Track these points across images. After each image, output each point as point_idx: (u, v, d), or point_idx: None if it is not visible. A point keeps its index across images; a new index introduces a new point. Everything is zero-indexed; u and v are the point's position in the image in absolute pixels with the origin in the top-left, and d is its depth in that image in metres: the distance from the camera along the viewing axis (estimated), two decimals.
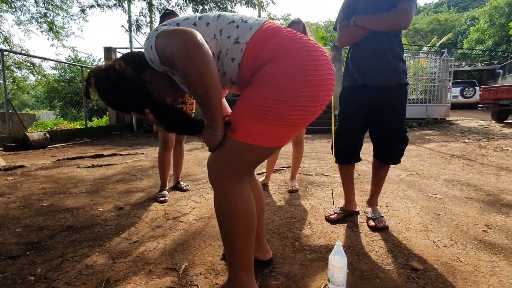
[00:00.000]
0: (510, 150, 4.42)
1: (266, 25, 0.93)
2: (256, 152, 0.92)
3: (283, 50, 0.87)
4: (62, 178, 2.94)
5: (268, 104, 0.85)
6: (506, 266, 1.25)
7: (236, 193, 0.93)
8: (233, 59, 0.91)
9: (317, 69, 0.87)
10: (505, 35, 17.63)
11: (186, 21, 0.93)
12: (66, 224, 1.78)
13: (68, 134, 6.57)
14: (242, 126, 0.88)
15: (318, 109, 0.92)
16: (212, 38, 0.91)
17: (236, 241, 0.95)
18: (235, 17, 0.94)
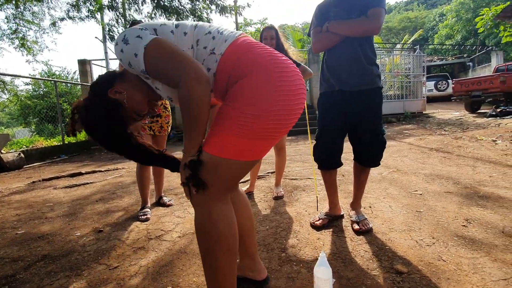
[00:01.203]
0: (484, 140, 4.61)
1: (241, 39, 0.95)
2: (234, 167, 0.92)
3: (256, 66, 0.89)
4: (37, 202, 2.80)
5: (243, 118, 0.86)
6: (488, 263, 1.28)
7: (217, 212, 0.90)
8: (209, 69, 0.93)
9: (289, 84, 0.90)
10: (472, 29, 18.54)
11: (164, 27, 0.93)
12: (41, 254, 1.69)
13: (44, 152, 6.30)
14: (218, 141, 0.88)
15: (291, 122, 0.94)
16: (190, 48, 0.93)
17: (218, 264, 0.91)
18: (211, 28, 0.96)
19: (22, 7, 6.91)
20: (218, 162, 0.88)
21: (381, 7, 1.49)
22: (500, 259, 1.31)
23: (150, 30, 0.91)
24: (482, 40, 18.91)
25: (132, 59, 0.87)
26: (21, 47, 7.41)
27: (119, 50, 0.89)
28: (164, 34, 0.91)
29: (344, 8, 1.57)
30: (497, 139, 4.53)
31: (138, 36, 0.87)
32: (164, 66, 0.86)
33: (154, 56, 0.86)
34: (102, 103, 0.94)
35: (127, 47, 0.87)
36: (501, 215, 1.78)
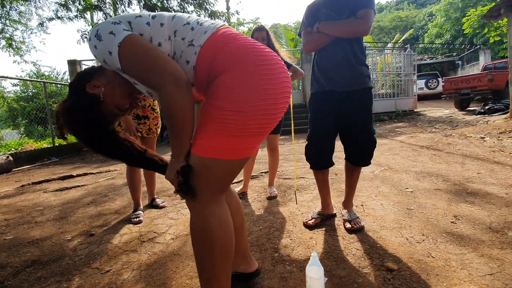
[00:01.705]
0: (473, 137, 4.71)
1: (222, 30, 0.92)
2: (224, 166, 0.90)
3: (237, 59, 0.86)
4: (26, 206, 2.75)
5: (226, 116, 0.84)
6: (475, 258, 1.31)
7: (213, 215, 0.90)
8: (188, 62, 0.90)
9: (272, 77, 0.87)
10: (460, 29, 18.82)
11: (139, 20, 0.90)
12: (31, 259, 1.66)
13: (34, 155, 6.18)
14: (204, 142, 0.87)
15: (277, 116, 0.92)
16: (167, 40, 0.89)
17: (212, 267, 0.91)
18: (190, 19, 0.93)
19: (8, 7, 6.76)
20: (208, 164, 0.87)
21: (370, 8, 1.50)
22: (487, 254, 1.34)
23: (124, 24, 0.87)
24: (470, 39, 19.28)
25: (106, 56, 0.85)
26: (8, 47, 7.25)
27: (93, 46, 0.86)
28: (139, 27, 0.88)
29: (334, 9, 1.58)
30: (485, 136, 4.63)
31: (111, 32, 0.83)
32: (140, 68, 0.84)
33: (129, 55, 0.83)
34: (80, 101, 0.92)
35: (100, 43, 0.84)
36: (488, 211, 1.82)
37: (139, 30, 0.88)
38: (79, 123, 0.94)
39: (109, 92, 0.93)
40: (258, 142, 0.96)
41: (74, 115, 0.93)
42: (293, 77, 2.52)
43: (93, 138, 0.96)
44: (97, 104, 0.93)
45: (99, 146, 0.97)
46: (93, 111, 0.93)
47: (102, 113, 0.95)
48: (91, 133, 0.95)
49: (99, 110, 0.94)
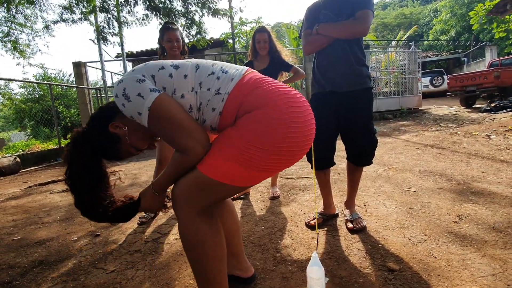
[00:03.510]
0: (479, 135, 4.66)
1: (248, 75, 0.94)
2: (228, 189, 0.93)
3: (267, 100, 0.88)
4: (34, 207, 2.80)
5: (248, 149, 0.85)
6: (477, 259, 1.31)
7: (202, 221, 0.92)
8: (214, 109, 0.91)
9: (301, 120, 0.89)
10: (466, 25, 18.63)
11: (162, 72, 0.92)
12: (38, 259, 1.69)
13: (41, 156, 6.27)
14: (218, 165, 0.88)
15: (297, 158, 0.94)
16: (191, 91, 0.91)
17: (207, 271, 0.93)
18: (214, 68, 0.95)
19: (14, 10, 6.85)
20: (214, 185, 0.89)
21: (369, 9, 1.50)
22: (490, 254, 1.33)
23: (149, 79, 0.90)
24: (476, 35, 19.01)
25: (135, 115, 0.89)
26: (13, 50, 7.36)
27: (121, 104, 0.89)
28: (162, 80, 0.91)
29: (333, 10, 1.58)
30: (491, 134, 4.57)
31: (139, 94, 0.86)
32: (168, 134, 0.88)
33: (157, 118, 0.87)
34: (101, 136, 0.96)
35: (129, 104, 0.87)
36: (492, 211, 1.81)
37: (162, 84, 0.91)
38: (85, 152, 0.96)
39: (130, 134, 0.97)
40: (269, 176, 0.98)
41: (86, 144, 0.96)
42: (294, 78, 2.53)
43: (85, 170, 0.96)
44: (114, 141, 0.97)
45: (85, 183, 0.97)
46: (108, 146, 0.97)
47: (116, 149, 0.99)
48: (88, 165, 0.96)
49: (114, 147, 0.98)
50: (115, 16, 5.28)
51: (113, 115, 0.97)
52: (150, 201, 1.00)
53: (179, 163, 0.90)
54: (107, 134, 0.96)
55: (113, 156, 1.02)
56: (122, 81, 0.90)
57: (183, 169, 0.91)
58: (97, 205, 0.99)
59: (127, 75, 0.91)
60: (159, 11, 4.49)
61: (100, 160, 1.02)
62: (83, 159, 0.95)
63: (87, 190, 0.97)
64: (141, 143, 1.01)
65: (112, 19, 5.50)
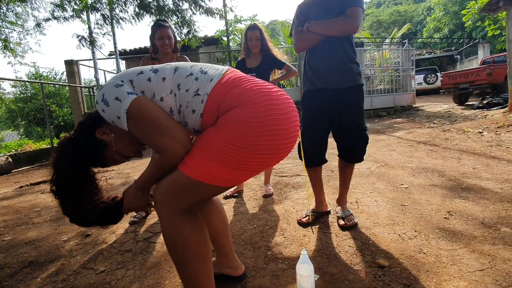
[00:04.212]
0: (471, 132, 4.71)
1: (227, 75, 0.93)
2: (210, 189, 0.93)
3: (246, 98, 0.87)
4: (24, 207, 2.76)
5: (228, 148, 0.85)
6: (466, 254, 1.32)
7: (184, 221, 0.91)
8: (194, 111, 0.91)
9: (280, 117, 0.87)
10: (459, 23, 18.78)
11: (140, 76, 0.92)
12: (28, 260, 1.67)
13: (33, 156, 6.19)
14: (198, 165, 0.87)
15: (280, 156, 0.93)
16: (169, 93, 0.91)
17: (191, 270, 0.92)
18: (193, 69, 0.94)
19: (5, 8, 6.73)
20: (195, 184, 0.88)
21: (359, 6, 1.50)
22: (478, 250, 1.35)
23: (127, 83, 0.90)
24: (469, 33, 19.18)
25: (115, 119, 0.89)
26: (3, 49, 7.23)
27: (101, 110, 0.90)
28: (141, 84, 0.91)
29: (323, 8, 1.58)
30: (483, 131, 4.62)
31: (117, 98, 0.87)
32: (145, 134, 0.88)
33: (135, 121, 0.87)
34: (87, 141, 0.96)
35: (108, 109, 0.88)
36: (482, 207, 1.83)
37: (141, 88, 0.91)
38: (72, 158, 0.96)
39: (117, 141, 0.97)
40: (253, 175, 0.97)
41: (73, 150, 0.96)
42: (286, 75, 2.52)
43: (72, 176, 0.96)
44: (101, 148, 0.97)
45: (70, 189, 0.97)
46: (95, 153, 0.97)
47: (103, 156, 0.99)
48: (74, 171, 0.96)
49: (101, 153, 0.98)
50: (107, 15, 5.21)
51: (101, 121, 0.97)
52: (132, 200, 0.99)
53: (159, 164, 0.90)
54: (94, 140, 0.96)
55: (99, 162, 1.01)
56: (102, 87, 0.92)
57: (163, 170, 0.91)
58: (81, 211, 0.99)
59: (106, 82, 0.93)
60: (151, 9, 4.45)
61: (87, 165, 1.01)
62: (69, 165, 0.95)
63: (71, 196, 0.97)
64: (128, 150, 1.00)
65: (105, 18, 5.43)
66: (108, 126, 0.96)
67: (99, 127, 0.96)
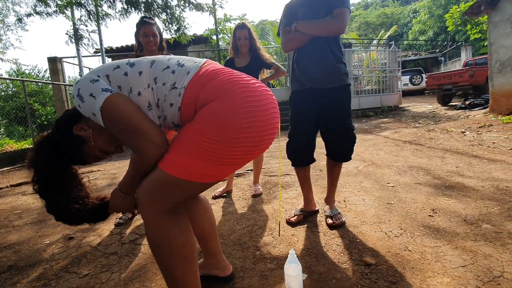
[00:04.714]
0: (454, 131, 4.85)
1: (205, 67, 0.92)
2: (192, 187, 0.90)
3: (225, 89, 0.85)
4: (4, 209, 2.66)
5: (207, 143, 0.83)
6: (449, 251, 1.35)
7: (168, 222, 0.89)
8: (172, 104, 0.89)
9: (258, 109, 0.86)
10: (443, 26, 19.31)
11: (117, 71, 0.90)
12: (7, 264, 1.61)
13: (14, 156, 5.96)
14: (178, 162, 0.85)
15: (260, 148, 0.91)
16: (146, 88, 0.88)
17: (176, 272, 0.91)
18: (170, 62, 0.92)
19: None
20: (175, 182, 0.86)
21: (345, 7, 1.52)
22: (461, 246, 1.38)
23: (103, 78, 0.88)
24: (452, 36, 19.76)
25: (91, 116, 0.87)
26: None
27: (77, 105, 0.88)
28: (117, 79, 0.89)
29: (311, 8, 1.58)
30: (465, 131, 4.77)
31: (91, 94, 0.85)
32: (120, 132, 0.87)
33: (109, 118, 0.85)
34: (64, 138, 0.93)
35: (83, 104, 0.86)
36: (464, 204, 1.88)
37: (117, 83, 0.88)
38: (49, 157, 0.94)
39: (96, 136, 0.95)
40: (234, 170, 0.95)
41: (50, 148, 0.94)
42: (275, 75, 2.52)
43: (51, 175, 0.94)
44: (79, 145, 0.95)
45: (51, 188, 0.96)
46: (73, 150, 0.95)
47: (81, 153, 0.97)
48: (53, 170, 0.94)
49: (80, 150, 0.96)
50: (93, 11, 5.08)
51: (79, 117, 0.94)
52: (117, 201, 0.97)
53: (135, 164, 0.89)
54: (71, 137, 0.93)
55: (79, 160, 0.99)
56: (78, 82, 0.89)
57: (140, 170, 0.89)
58: (65, 209, 0.97)
59: (83, 77, 0.90)
60: (138, 5, 4.36)
61: (65, 163, 0.98)
62: (46, 164, 0.93)
63: (53, 194, 0.95)
64: (108, 146, 0.98)
65: (90, 14, 5.29)
66: (86, 122, 0.94)
67: (77, 123, 0.94)
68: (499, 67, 5.88)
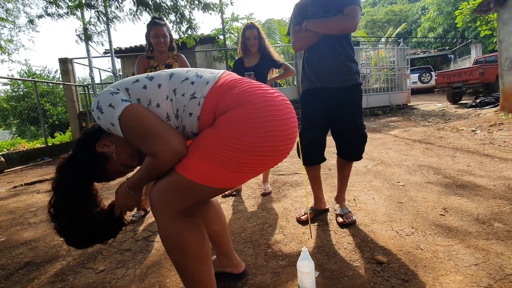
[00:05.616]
0: (465, 130, 4.78)
1: (223, 78, 0.93)
2: (207, 191, 0.91)
3: (243, 99, 0.86)
4: (19, 207, 2.73)
5: (226, 150, 0.83)
6: (461, 249, 1.35)
7: (181, 223, 0.91)
8: (191, 114, 0.90)
9: (278, 119, 0.86)
10: (452, 22, 18.94)
11: (136, 84, 0.92)
12: (24, 261, 1.66)
13: (26, 155, 6.11)
14: (196, 166, 0.86)
15: (278, 159, 0.92)
16: (165, 99, 0.90)
17: (191, 271, 0.93)
18: (189, 74, 0.94)
19: None
20: (192, 185, 0.87)
21: (357, 5, 1.52)
22: (473, 245, 1.37)
23: (122, 91, 0.90)
24: (462, 33, 19.41)
25: (110, 127, 0.88)
26: None
27: (97, 117, 0.89)
28: (136, 92, 0.91)
29: (321, 6, 1.59)
30: (476, 129, 4.70)
31: (110, 105, 0.87)
32: (138, 139, 0.87)
33: (128, 127, 0.86)
34: (88, 157, 0.94)
35: (102, 116, 0.88)
36: (476, 203, 1.87)
37: (136, 95, 0.90)
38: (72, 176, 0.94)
39: (119, 151, 0.96)
40: (251, 177, 0.96)
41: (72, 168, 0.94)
42: (284, 74, 2.53)
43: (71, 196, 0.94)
44: (102, 161, 0.95)
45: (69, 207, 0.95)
46: (96, 167, 0.95)
47: (104, 170, 0.97)
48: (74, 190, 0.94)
49: (102, 167, 0.96)
50: (103, 12, 5.15)
51: (99, 134, 0.96)
52: (124, 198, 0.97)
53: (150, 168, 0.89)
54: (94, 154, 0.94)
55: (103, 177, 1.00)
56: (98, 95, 0.91)
57: (154, 174, 0.90)
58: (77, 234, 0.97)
59: (102, 91, 0.92)
60: (148, 6, 4.41)
61: (88, 183, 1.00)
62: (68, 185, 0.94)
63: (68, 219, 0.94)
64: (131, 160, 0.99)
65: (100, 15, 5.36)
66: (107, 138, 0.95)
67: (98, 140, 0.95)
68: (509, 65, 5.77)
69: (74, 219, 0.94)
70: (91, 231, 0.98)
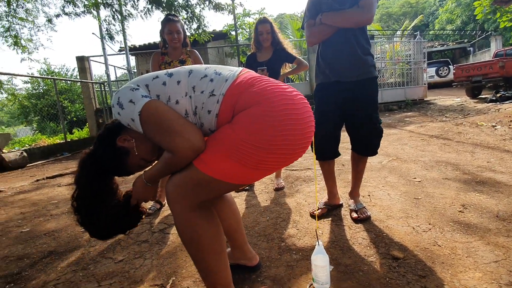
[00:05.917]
0: (484, 125, 4.61)
1: (242, 75, 0.94)
2: (224, 187, 0.93)
3: (262, 97, 0.86)
4: (42, 199, 2.85)
5: (244, 147, 0.84)
6: (481, 246, 1.32)
7: (197, 216, 0.92)
8: (210, 111, 0.91)
9: (296, 117, 0.87)
10: (471, 14, 18.19)
11: (156, 81, 0.94)
12: (47, 250, 1.74)
13: (47, 151, 6.35)
14: (214, 162, 0.87)
15: (295, 156, 0.92)
16: (184, 96, 0.91)
17: (207, 263, 0.95)
18: (207, 71, 0.95)
19: (15, 5, 6.84)
20: (210, 181, 0.89)
21: None
22: (493, 242, 1.34)
23: (143, 88, 0.92)
24: (481, 25, 18.61)
25: (130, 122, 0.90)
26: (14, 45, 7.36)
27: (117, 113, 0.91)
28: (156, 88, 0.92)
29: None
30: (496, 124, 4.52)
31: (131, 100, 0.88)
32: (158, 135, 0.88)
33: (148, 122, 0.88)
34: (109, 151, 0.97)
35: (123, 111, 0.89)
36: (496, 200, 1.81)
37: (156, 92, 0.92)
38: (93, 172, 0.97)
39: (139, 145, 0.98)
40: (268, 174, 0.97)
41: (93, 163, 0.97)
42: (297, 69, 2.51)
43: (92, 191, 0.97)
44: (122, 156, 0.98)
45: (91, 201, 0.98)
46: (116, 162, 0.98)
47: (125, 164, 1.00)
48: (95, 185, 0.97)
49: (123, 162, 0.99)
50: (118, 10, 5.25)
51: (119, 129, 0.98)
52: (141, 190, 0.99)
53: (168, 163, 0.91)
54: (115, 149, 0.97)
55: (123, 171, 1.02)
56: (118, 91, 0.93)
57: (171, 168, 0.92)
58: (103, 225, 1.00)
59: (123, 86, 0.94)
60: (161, 4, 4.46)
61: (109, 178, 1.03)
62: (89, 180, 0.97)
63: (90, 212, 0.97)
64: (150, 154, 1.01)
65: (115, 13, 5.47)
66: (127, 133, 0.97)
67: (118, 135, 0.97)
68: None
69: (94, 214, 0.98)
70: (111, 225, 1.01)
